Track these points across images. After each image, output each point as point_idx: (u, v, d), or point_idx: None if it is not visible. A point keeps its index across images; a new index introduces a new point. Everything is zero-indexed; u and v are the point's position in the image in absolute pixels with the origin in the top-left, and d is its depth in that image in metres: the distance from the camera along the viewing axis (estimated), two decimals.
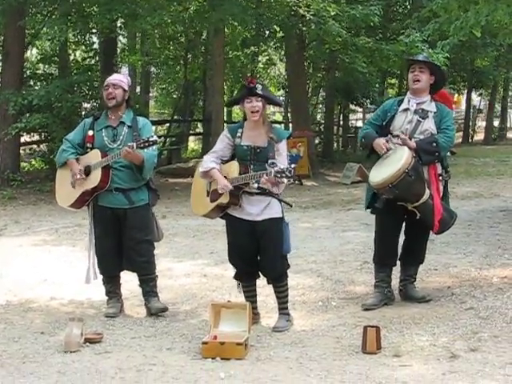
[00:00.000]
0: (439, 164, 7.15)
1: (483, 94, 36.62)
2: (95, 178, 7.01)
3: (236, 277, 6.86)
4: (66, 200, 7.28)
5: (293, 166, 6.28)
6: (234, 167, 6.54)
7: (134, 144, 6.77)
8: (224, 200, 6.54)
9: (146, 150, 6.85)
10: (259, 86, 6.53)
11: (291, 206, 6.84)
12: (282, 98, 29.01)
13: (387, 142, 7.04)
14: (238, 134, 6.61)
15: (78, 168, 7.07)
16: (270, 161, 6.37)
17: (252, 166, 6.49)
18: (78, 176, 7.03)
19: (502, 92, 37.00)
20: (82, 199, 7.16)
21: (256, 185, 6.37)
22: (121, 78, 7.32)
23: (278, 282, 6.70)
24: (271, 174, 6.21)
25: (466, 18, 10.94)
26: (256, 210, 6.51)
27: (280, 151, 6.53)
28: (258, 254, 6.65)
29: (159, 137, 26.66)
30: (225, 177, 6.52)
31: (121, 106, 7.15)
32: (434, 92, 7.25)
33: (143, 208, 7.13)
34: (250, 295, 6.84)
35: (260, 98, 6.48)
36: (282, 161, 6.45)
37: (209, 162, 6.63)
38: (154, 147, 6.98)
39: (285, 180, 6.23)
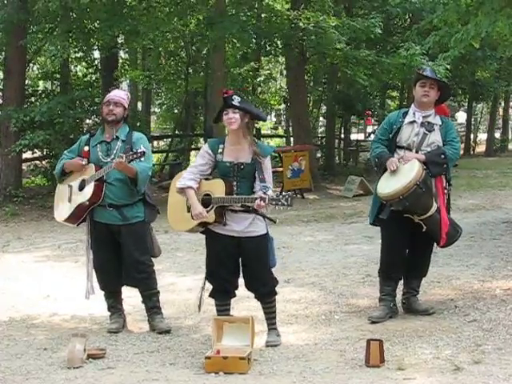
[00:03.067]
0: (444, 177, 7.17)
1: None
2: (88, 191, 7.00)
3: (211, 294, 6.72)
4: (62, 214, 7.27)
5: (290, 193, 6.12)
6: (219, 186, 6.38)
7: (124, 156, 6.75)
8: (210, 220, 6.40)
9: (136, 161, 6.79)
10: (236, 98, 6.35)
11: (275, 223, 6.65)
12: (283, 111, 29.05)
13: (399, 160, 7.05)
14: (220, 150, 6.45)
15: (78, 158, 7.12)
16: (262, 184, 6.27)
17: (236, 183, 6.37)
18: (82, 162, 7.05)
19: (503, 104, 37.00)
20: (78, 214, 7.14)
21: (239, 204, 6.29)
22: (122, 95, 7.27)
23: (268, 297, 6.62)
24: (265, 201, 6.08)
25: (466, 30, 10.96)
26: (241, 227, 6.39)
27: (265, 168, 6.39)
28: (237, 271, 6.54)
29: (160, 151, 26.90)
30: (208, 194, 6.41)
31: (119, 123, 7.16)
32: (435, 105, 7.28)
33: (138, 225, 7.09)
34: (223, 314, 6.66)
35: (237, 110, 6.34)
36: (267, 178, 6.35)
37: (187, 179, 6.48)
38: (145, 159, 6.84)
39: (281, 207, 6.10)
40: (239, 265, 6.55)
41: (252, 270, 6.50)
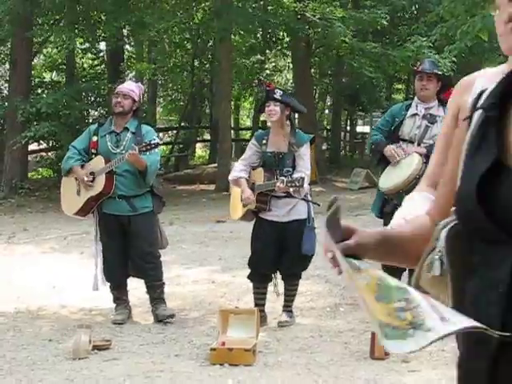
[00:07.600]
0: None
1: None
2: (99, 184, 7.02)
3: (249, 277, 6.95)
4: (72, 208, 7.30)
5: (302, 175, 6.42)
6: (259, 174, 6.74)
7: (137, 147, 6.78)
8: (252, 206, 6.73)
9: (148, 153, 6.85)
10: (279, 92, 6.70)
11: (319, 205, 6.83)
12: None
13: (397, 148, 7.04)
14: (264, 141, 6.80)
15: (84, 172, 7.10)
16: (285, 169, 6.59)
17: (278, 172, 6.67)
18: (86, 178, 7.04)
19: None
20: (87, 206, 7.17)
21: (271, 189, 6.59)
22: (132, 87, 7.27)
23: (290, 280, 6.88)
24: (283, 183, 6.35)
25: (472, 22, 10.92)
26: (282, 211, 6.69)
27: (301, 156, 6.70)
28: (277, 260, 6.77)
29: (166, 144, 26.88)
30: (253, 183, 6.73)
31: (127, 115, 7.16)
32: (439, 93, 7.26)
33: (147, 215, 7.12)
34: (260, 297, 6.92)
35: (278, 103, 6.61)
36: (302, 165, 6.65)
37: (238, 170, 6.85)
38: (157, 150, 7.01)
39: (296, 189, 6.39)
40: (278, 254, 6.78)
41: (285, 251, 6.74)
